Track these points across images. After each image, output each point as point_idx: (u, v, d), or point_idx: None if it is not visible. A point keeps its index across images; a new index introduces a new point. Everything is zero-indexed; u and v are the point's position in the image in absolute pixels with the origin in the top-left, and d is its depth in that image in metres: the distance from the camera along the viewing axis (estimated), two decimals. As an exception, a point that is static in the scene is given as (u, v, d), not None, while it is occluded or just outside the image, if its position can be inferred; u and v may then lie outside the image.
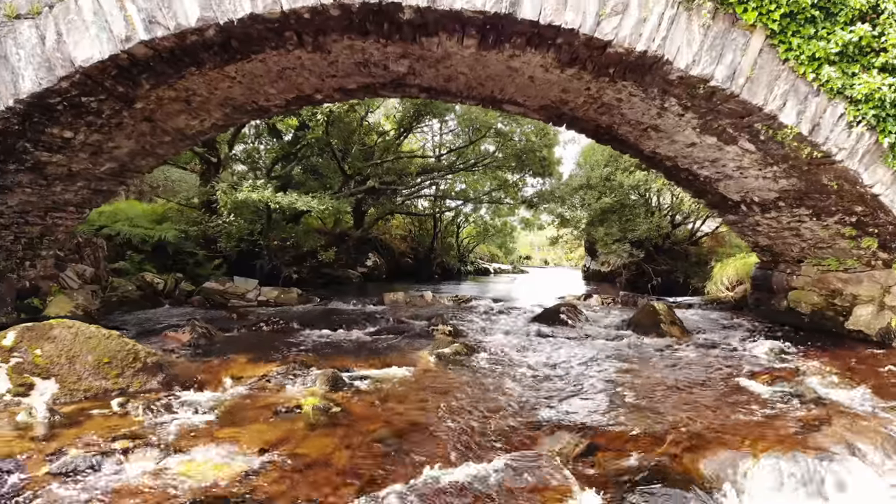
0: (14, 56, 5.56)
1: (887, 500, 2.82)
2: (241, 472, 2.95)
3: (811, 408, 4.00)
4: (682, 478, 2.86)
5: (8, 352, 4.43)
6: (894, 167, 5.60)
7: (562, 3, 5.40)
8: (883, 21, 5.30)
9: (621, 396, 4.44)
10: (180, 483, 2.83)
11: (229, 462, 3.06)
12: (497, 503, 2.55)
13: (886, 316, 6.46)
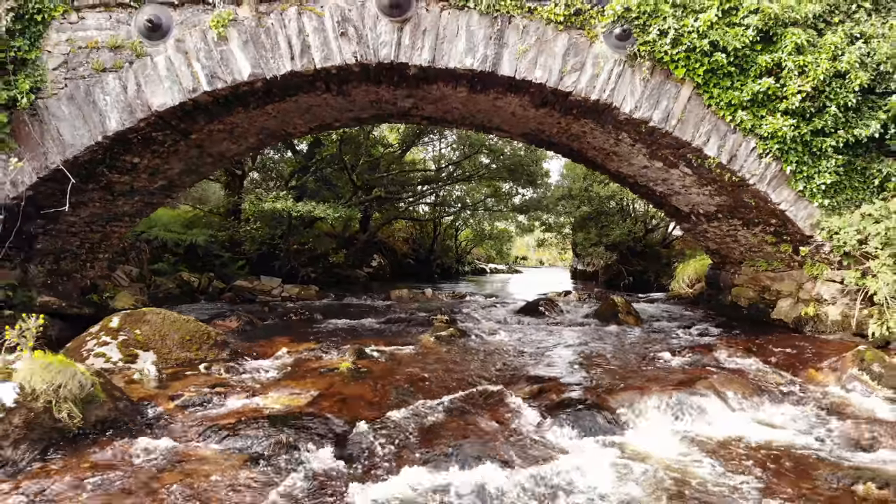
0: (101, 101, 6.98)
1: (728, 418, 4.24)
2: (305, 402, 4.38)
3: (705, 370, 5.43)
4: (597, 407, 4.28)
5: (115, 331, 5.87)
6: (796, 189, 7.04)
7: (532, 63, 6.85)
8: (784, 75, 6.74)
9: (571, 362, 5.88)
10: (266, 408, 4.27)
11: (296, 397, 4.49)
12: (471, 412, 3.98)
13: (800, 307, 7.89)
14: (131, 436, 3.78)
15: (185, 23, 6.88)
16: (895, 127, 6.71)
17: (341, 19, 6.81)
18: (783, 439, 3.90)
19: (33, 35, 6.86)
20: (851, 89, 6.58)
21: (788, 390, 4.99)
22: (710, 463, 3.49)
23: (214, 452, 3.52)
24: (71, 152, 6.93)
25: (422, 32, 6.88)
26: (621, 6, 6.65)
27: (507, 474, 3.16)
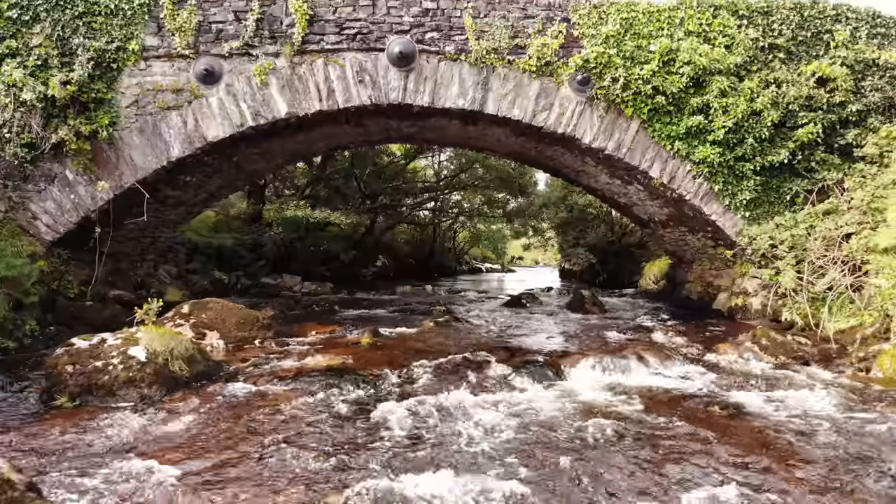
0: (166, 133, 8.58)
1: (642, 374, 5.85)
2: (339, 363, 5.97)
3: (638, 343, 7.04)
4: (549, 365, 5.87)
5: (187, 315, 7.47)
6: (723, 203, 8.65)
7: (511, 103, 8.48)
8: (712, 113, 8.34)
9: (538, 339, 7.50)
10: (312, 366, 5.87)
11: (332, 360, 6.10)
12: (460, 368, 5.60)
13: (733, 299, 9.50)
14: (222, 382, 5.38)
15: (233, 71, 8.49)
16: (801, 154, 8.33)
17: (359, 69, 8.43)
18: (676, 386, 5.50)
19: (109, 79, 8.47)
20: (765, 124, 8.19)
21: (696, 357, 6.61)
22: (618, 398, 5.09)
23: (281, 390, 5.12)
24: (141, 174, 8.54)
25: (423, 79, 8.50)
26: (581, 59, 8.27)
27: (478, 399, 4.77)
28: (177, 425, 4.28)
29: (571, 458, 3.60)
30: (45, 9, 8.26)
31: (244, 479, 3.31)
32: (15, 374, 5.76)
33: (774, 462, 3.61)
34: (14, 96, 8.11)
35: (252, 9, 8.35)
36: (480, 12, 8.47)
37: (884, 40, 8.52)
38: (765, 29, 8.38)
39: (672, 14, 8.41)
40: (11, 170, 8.38)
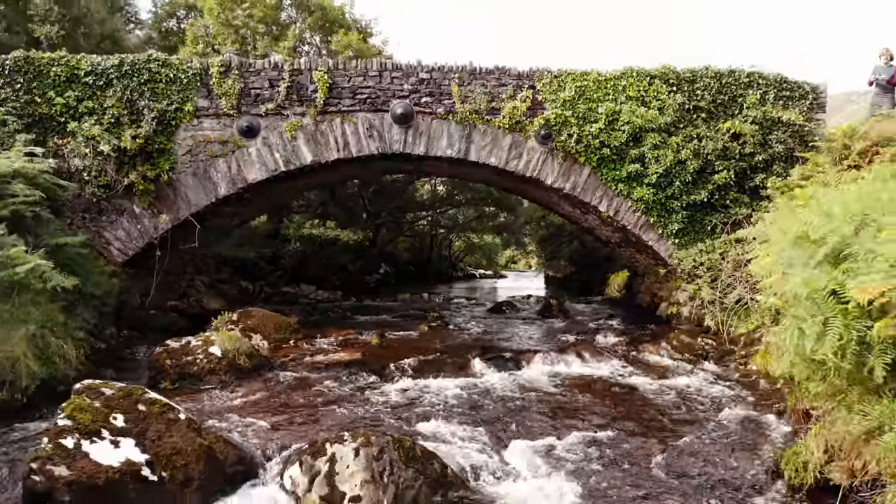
0: (214, 176, 10.60)
1: (579, 366, 7.87)
2: (356, 357, 8.00)
3: (583, 343, 9.07)
4: (511, 360, 7.89)
5: (236, 322, 9.50)
6: (658, 232, 10.69)
7: (489, 153, 10.52)
8: (647, 162, 10.37)
9: (508, 340, 9.55)
10: (337, 360, 7.91)
11: (350, 356, 8.14)
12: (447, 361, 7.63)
13: (669, 308, 11.54)
14: (273, 371, 7.42)
15: (268, 126, 10.53)
16: (718, 194, 10.36)
17: (369, 126, 10.48)
18: (599, 374, 7.53)
19: (169, 133, 10.49)
20: (689, 171, 10.22)
21: (624, 354, 8.65)
22: (553, 381, 7.11)
23: (316, 376, 7.15)
24: (194, 209, 10.57)
25: (419, 134, 10.54)
26: (544, 119, 10.32)
27: (457, 381, 6.81)
28: (251, 398, 6.31)
29: (509, 414, 5.64)
30: (116, 76, 10.27)
31: (303, 424, 5.33)
32: (117, 366, 7.78)
33: (634, 417, 5.65)
34: (93, 147, 10.11)
35: (283, 78, 10.39)
36: (464, 81, 10.52)
37: (788, 101, 10.56)
38: (690, 94, 10.42)
39: (616, 82, 10.45)
40: (90, 206, 10.39)
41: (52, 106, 10.12)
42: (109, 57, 10.41)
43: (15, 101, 10.08)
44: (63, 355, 6.74)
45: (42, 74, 10.19)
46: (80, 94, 10.20)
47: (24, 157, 8.75)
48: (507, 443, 4.83)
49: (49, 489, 3.55)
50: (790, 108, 10.34)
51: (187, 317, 11.37)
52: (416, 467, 3.92)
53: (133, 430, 4.01)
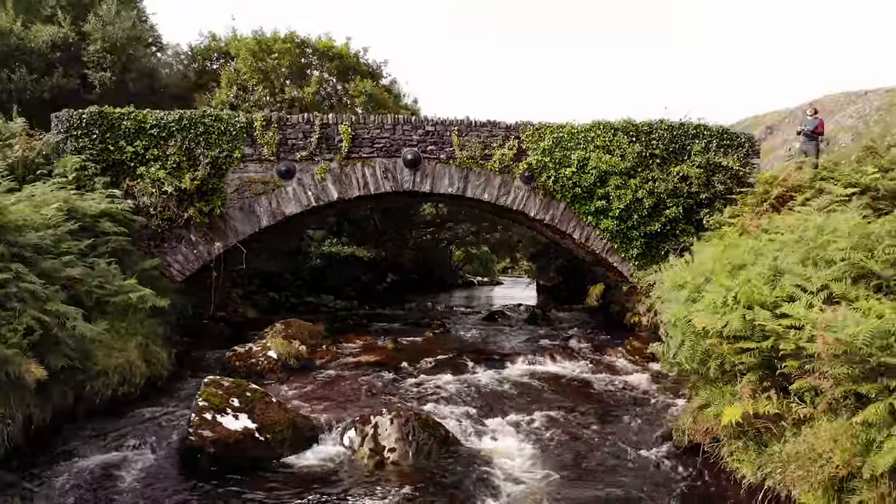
0: (258, 210, 12.64)
1: (552, 365, 9.90)
2: (377, 359, 10.04)
3: (558, 347, 11.11)
4: (497, 360, 9.95)
5: (278, 331, 11.55)
6: (621, 256, 12.73)
7: (482, 191, 12.58)
8: (611, 200, 12.40)
9: (499, 344, 11.60)
10: (363, 361, 9.95)
11: (372, 358, 10.18)
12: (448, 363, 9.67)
13: (633, 318, 13.57)
14: (315, 370, 9.47)
15: (302, 170, 12.58)
16: (670, 226, 12.40)
17: (385, 169, 12.54)
18: (565, 373, 9.56)
19: (220, 175, 12.53)
20: (645, 207, 12.26)
21: (589, 357, 10.69)
22: (528, 377, 9.14)
23: (349, 373, 9.19)
24: (241, 237, 12.61)
25: (426, 175, 12.60)
26: (527, 164, 12.38)
27: (455, 378, 8.85)
28: (304, 389, 8.36)
29: (492, 400, 7.69)
30: (176, 129, 12.31)
31: (346, 405, 7.37)
32: (192, 367, 9.81)
33: (583, 402, 7.70)
34: (158, 188, 12.15)
35: (315, 131, 12.45)
36: (462, 133, 12.59)
37: (728, 149, 12.59)
38: (647, 143, 12.46)
39: (586, 134, 12.51)
40: (155, 235, 12.41)
41: (124, 153, 12.14)
42: (171, 112, 12.46)
43: (92, 148, 12.08)
44: (159, 359, 8.80)
45: (114, 127, 12.21)
46: (147, 144, 12.23)
47: (107, 198, 10.82)
48: (488, 418, 6.89)
49: (201, 444, 5.60)
50: (729, 155, 12.38)
51: (230, 325, 13.41)
52: (429, 431, 5.96)
53: (245, 408, 6.06)
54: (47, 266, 7.14)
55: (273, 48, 16.67)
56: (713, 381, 5.45)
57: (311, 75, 17.18)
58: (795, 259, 4.95)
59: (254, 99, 16.90)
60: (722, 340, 4.87)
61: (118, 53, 17.60)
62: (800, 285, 4.63)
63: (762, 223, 8.45)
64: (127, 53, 17.67)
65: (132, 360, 8.04)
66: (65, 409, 6.75)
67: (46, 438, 6.14)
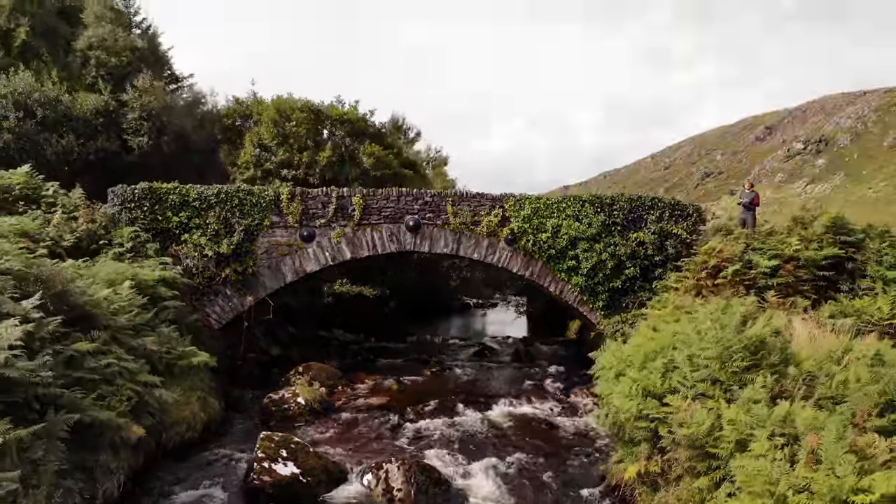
0: (283, 268, 14.62)
1: (527, 406, 11.84)
2: (383, 401, 11.99)
3: (533, 388, 13.05)
4: (484, 403, 11.91)
5: (300, 374, 13.51)
6: (589, 306, 14.70)
7: (472, 251, 14.58)
8: (580, 260, 14.39)
9: (487, 385, 13.56)
10: (373, 403, 11.91)
11: (380, 400, 12.13)
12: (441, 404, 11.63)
13: (602, 356, 15.51)
14: (334, 412, 11.43)
15: (321, 234, 14.57)
16: (629, 283, 14.38)
17: (390, 233, 14.54)
18: (537, 414, 11.50)
19: (252, 239, 14.50)
20: (608, 267, 14.24)
21: (560, 398, 12.65)
22: (505, 418, 11.09)
23: (362, 416, 11.14)
24: (270, 291, 14.59)
25: (425, 237, 14.60)
26: (510, 229, 14.38)
27: (448, 420, 10.79)
28: (327, 434, 10.31)
29: (476, 444, 9.65)
30: (215, 202, 14.29)
31: (362, 449, 9.32)
32: (238, 409, 11.75)
33: (547, 444, 9.65)
34: (200, 252, 14.12)
35: (332, 202, 14.45)
36: (455, 203, 14.59)
37: (679, 218, 14.58)
38: (609, 213, 14.44)
39: (560, 205, 14.51)
40: (196, 290, 14.37)
41: (170, 222, 14.11)
42: (211, 187, 14.45)
43: (143, 219, 14.04)
44: (213, 407, 10.76)
45: (162, 199, 14.19)
46: (190, 214, 14.21)
47: (160, 265, 12.80)
48: (472, 461, 8.84)
49: (262, 486, 7.56)
50: (680, 224, 14.38)
51: (259, 365, 15.36)
52: (427, 475, 7.92)
53: (291, 457, 8.03)
54: (134, 343, 9.12)
55: (292, 117, 18.68)
56: (626, 442, 7.41)
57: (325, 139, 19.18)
58: (682, 358, 6.91)
59: (275, 160, 18.88)
60: (629, 418, 6.81)
61: (153, 120, 19.58)
62: (681, 381, 6.60)
63: (686, 303, 10.41)
64: (161, 120, 19.65)
65: (195, 411, 10.01)
66: (149, 455, 8.72)
67: (140, 481, 8.10)
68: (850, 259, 12.32)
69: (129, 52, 19.33)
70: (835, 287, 12.09)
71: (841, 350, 7.37)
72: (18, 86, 18.15)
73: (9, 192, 13.64)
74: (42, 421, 6.48)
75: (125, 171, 19.44)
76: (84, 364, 7.80)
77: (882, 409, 5.29)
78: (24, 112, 18.04)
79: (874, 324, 10.65)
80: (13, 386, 6.37)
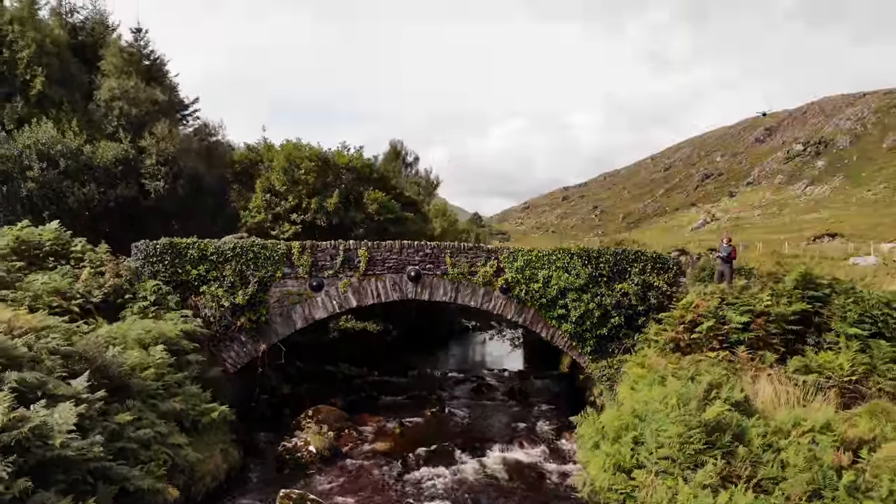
0: (294, 316, 15.57)
1: (520, 452, 12.77)
2: (387, 446, 12.93)
3: (525, 431, 13.99)
4: (479, 449, 12.84)
5: (311, 417, 14.45)
6: (578, 351, 15.64)
7: (469, 299, 15.54)
8: (569, 309, 15.36)
9: (484, 427, 14.50)
10: (378, 448, 12.84)
11: (383, 445, 13.05)
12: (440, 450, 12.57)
13: (591, 397, 16.48)
14: (341, 458, 12.35)
15: (329, 284, 15.54)
16: (615, 331, 15.32)
17: (393, 283, 15.52)
18: (528, 459, 12.42)
19: (265, 290, 15.45)
20: (595, 316, 15.19)
21: (550, 440, 13.56)
22: (499, 464, 12.01)
23: (368, 464, 12.06)
24: (281, 337, 15.55)
25: (425, 287, 15.57)
26: (504, 279, 15.35)
27: (446, 469, 11.71)
28: (337, 482, 11.22)
29: (471, 490, 10.57)
30: (231, 256, 15.27)
31: (367, 498, 10.25)
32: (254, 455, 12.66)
33: (535, 491, 10.58)
34: (217, 302, 15.08)
35: (339, 255, 15.43)
36: (454, 254, 15.57)
37: (661, 271, 15.54)
38: (596, 266, 15.40)
39: (550, 257, 15.48)
40: (213, 337, 15.30)
41: (189, 275, 15.07)
42: (227, 242, 15.44)
43: (165, 272, 15.00)
44: (234, 456, 11.69)
45: (182, 254, 15.15)
46: (208, 267, 15.17)
47: (182, 318, 13.75)
48: (468, 513, 9.79)
49: (282, 542, 8.50)
50: (661, 276, 15.35)
51: (271, 406, 16.28)
52: (427, 530, 8.86)
53: (307, 514, 8.96)
54: (164, 408, 10.07)
55: (301, 165, 19.68)
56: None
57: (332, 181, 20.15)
58: (650, 431, 7.87)
59: (285, 205, 19.88)
60: (602, 488, 7.76)
61: (170, 165, 20.61)
62: (646, 457, 7.55)
63: (661, 365, 11.37)
64: (177, 164, 20.67)
65: (218, 462, 10.95)
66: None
67: (175, 533, 9.02)
68: (817, 313, 13.28)
69: (151, 103, 20.33)
70: (802, 339, 13.07)
71: (790, 422, 8.34)
72: (41, 137, 19.18)
73: (40, 248, 14.64)
74: (94, 494, 7.44)
75: (143, 215, 20.47)
76: (124, 433, 8.76)
77: (810, 495, 6.24)
78: (47, 162, 19.06)
79: (834, 380, 11.64)
80: (72, 465, 7.33)
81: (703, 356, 12.28)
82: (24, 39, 20.65)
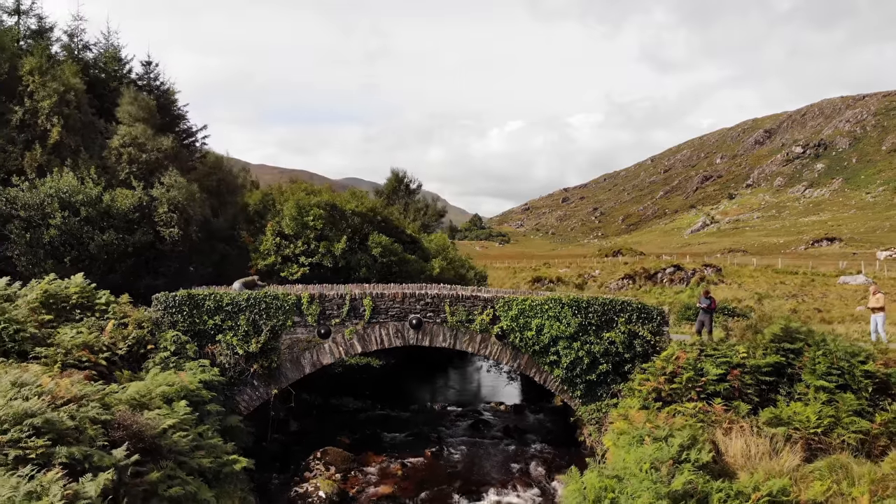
0: (303, 361, 16.52)
1: (512, 496, 13.71)
2: (391, 490, 13.88)
3: (519, 473, 14.93)
4: (476, 493, 13.78)
5: (319, 458, 15.38)
6: (568, 395, 16.62)
7: (467, 345, 16.53)
8: (560, 356, 16.33)
9: (481, 468, 15.44)
10: (382, 492, 13.79)
11: (386, 489, 13.99)
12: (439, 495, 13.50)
13: (582, 437, 17.39)
14: (349, 503, 13.30)
15: (336, 331, 16.51)
16: (603, 376, 16.29)
17: (396, 330, 16.50)
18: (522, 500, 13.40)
19: (276, 337, 16.43)
20: (585, 362, 16.16)
21: (543, 481, 14.50)
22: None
23: (375, 508, 13.01)
24: (291, 381, 16.50)
25: (426, 333, 16.55)
26: (499, 327, 16.34)
27: (446, 514, 12.69)
28: (346, 527, 12.17)
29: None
30: (245, 306, 16.25)
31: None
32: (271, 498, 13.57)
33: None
34: (232, 350, 16.06)
35: (346, 304, 16.42)
36: (453, 303, 16.57)
37: (646, 321, 16.53)
38: (585, 315, 16.40)
39: (543, 306, 16.48)
40: (228, 382, 16.26)
41: (206, 325, 16.06)
42: (241, 293, 16.42)
43: (183, 322, 15.98)
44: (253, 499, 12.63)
45: (199, 305, 16.13)
46: (224, 317, 16.15)
47: (200, 368, 14.71)
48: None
49: None
50: (645, 325, 16.36)
51: (280, 444, 17.20)
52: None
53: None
54: (192, 464, 11.01)
55: (310, 212, 20.69)
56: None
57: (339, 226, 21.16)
58: (624, 500, 8.83)
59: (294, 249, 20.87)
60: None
61: (181, 211, 21.56)
62: (624, 521, 8.51)
63: (640, 420, 12.34)
64: (188, 212, 21.63)
65: (237, 509, 11.89)
66: (205, 558, 10.56)
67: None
68: (790, 364, 14.28)
69: (157, 151, 21.32)
70: (776, 389, 14.07)
71: (752, 486, 9.32)
72: (63, 186, 20.15)
73: (67, 300, 15.61)
74: (136, 557, 8.38)
75: (158, 258, 21.43)
76: (157, 491, 9.71)
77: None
78: (69, 210, 20.03)
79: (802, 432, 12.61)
80: (117, 531, 8.27)
81: (682, 407, 13.26)
82: (44, 90, 21.65)
